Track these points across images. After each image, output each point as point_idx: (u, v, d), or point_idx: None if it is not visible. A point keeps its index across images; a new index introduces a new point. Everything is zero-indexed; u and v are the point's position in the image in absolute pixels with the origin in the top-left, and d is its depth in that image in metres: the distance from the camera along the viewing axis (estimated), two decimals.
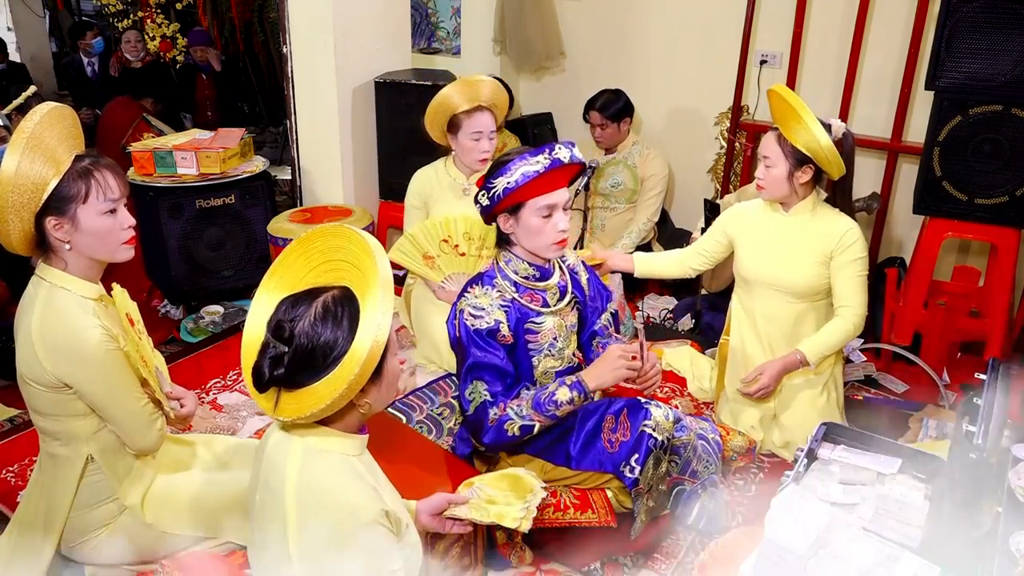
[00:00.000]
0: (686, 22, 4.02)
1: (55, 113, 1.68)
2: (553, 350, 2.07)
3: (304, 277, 1.38)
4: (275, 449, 1.37)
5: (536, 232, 1.93)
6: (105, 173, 1.70)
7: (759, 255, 2.52)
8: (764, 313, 2.56)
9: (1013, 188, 2.76)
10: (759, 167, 2.44)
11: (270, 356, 1.27)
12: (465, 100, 2.79)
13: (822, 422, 1.99)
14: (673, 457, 2.09)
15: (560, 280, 2.09)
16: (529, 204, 1.90)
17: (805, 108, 2.27)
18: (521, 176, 1.84)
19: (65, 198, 1.65)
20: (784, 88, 2.37)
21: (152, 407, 1.79)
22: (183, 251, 3.46)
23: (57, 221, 1.65)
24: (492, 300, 1.97)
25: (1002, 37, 2.60)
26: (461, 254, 2.75)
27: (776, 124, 2.40)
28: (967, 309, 3.07)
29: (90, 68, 5.88)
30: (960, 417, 1.73)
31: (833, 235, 2.40)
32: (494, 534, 2.10)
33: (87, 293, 1.72)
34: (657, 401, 2.12)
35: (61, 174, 1.65)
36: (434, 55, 4.97)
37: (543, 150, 1.87)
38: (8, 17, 6.75)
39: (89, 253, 1.71)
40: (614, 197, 3.76)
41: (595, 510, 2.08)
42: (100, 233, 1.69)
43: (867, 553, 1.47)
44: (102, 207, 1.68)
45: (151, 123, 4.89)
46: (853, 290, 2.42)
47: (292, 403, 1.29)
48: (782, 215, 2.49)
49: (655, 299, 3.76)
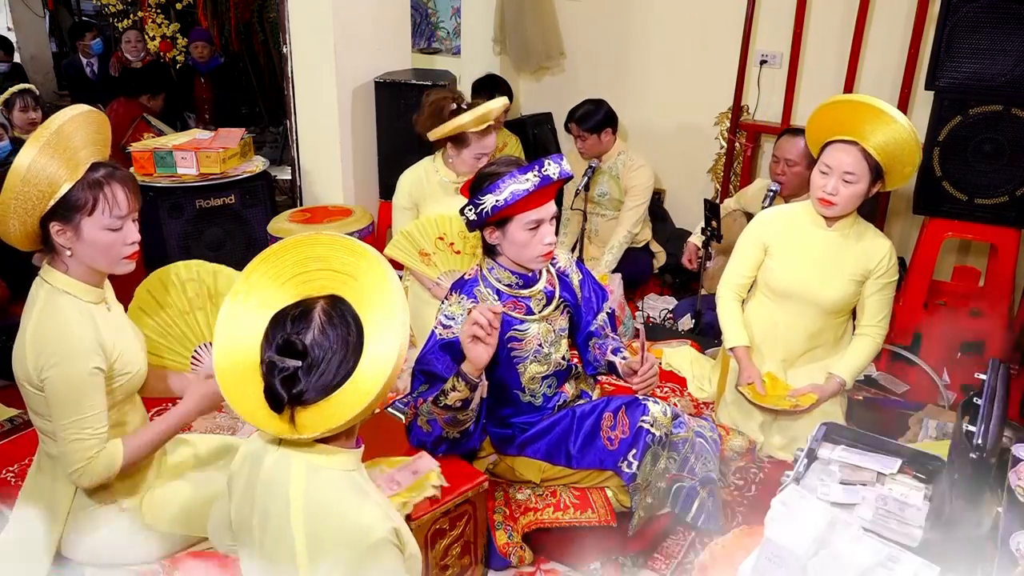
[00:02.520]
0: (686, 22, 4.02)
1: (88, 116, 1.64)
2: (539, 356, 2.07)
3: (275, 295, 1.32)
4: (274, 471, 1.31)
5: (523, 245, 1.93)
6: (116, 188, 1.66)
7: (794, 267, 2.45)
8: (786, 324, 2.51)
9: (1013, 188, 2.76)
10: (829, 182, 2.28)
11: (282, 376, 1.22)
12: (476, 122, 2.79)
13: (822, 422, 1.99)
14: (671, 453, 2.09)
15: (547, 285, 2.09)
16: (517, 219, 1.90)
17: (875, 99, 2.22)
18: (510, 195, 1.83)
19: (71, 206, 1.62)
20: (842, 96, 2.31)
21: (93, 446, 1.65)
22: (183, 251, 3.46)
23: (60, 227, 1.63)
24: (464, 309, 1.95)
25: (1002, 37, 2.61)
26: (456, 252, 2.75)
27: (851, 137, 2.26)
28: (967, 309, 3.06)
29: (89, 69, 5.88)
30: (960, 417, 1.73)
31: (874, 255, 2.37)
32: (494, 534, 2.10)
33: (88, 297, 1.70)
34: (655, 398, 2.12)
35: (75, 180, 1.62)
36: (434, 55, 4.97)
37: (533, 167, 1.85)
38: (8, 17, 6.75)
39: (88, 262, 1.69)
40: (602, 205, 3.76)
41: (595, 509, 2.08)
42: (101, 247, 1.66)
43: (867, 553, 1.46)
44: (106, 222, 1.65)
45: (151, 123, 4.89)
46: (884, 311, 2.42)
47: (314, 418, 1.23)
48: (824, 229, 2.40)
49: (655, 299, 3.76)
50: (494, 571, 2.11)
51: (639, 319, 3.57)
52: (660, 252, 3.86)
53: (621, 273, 3.58)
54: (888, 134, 2.21)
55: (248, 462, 1.37)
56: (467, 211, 1.91)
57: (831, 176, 2.29)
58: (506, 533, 2.11)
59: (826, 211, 2.35)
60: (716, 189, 4.16)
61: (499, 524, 2.12)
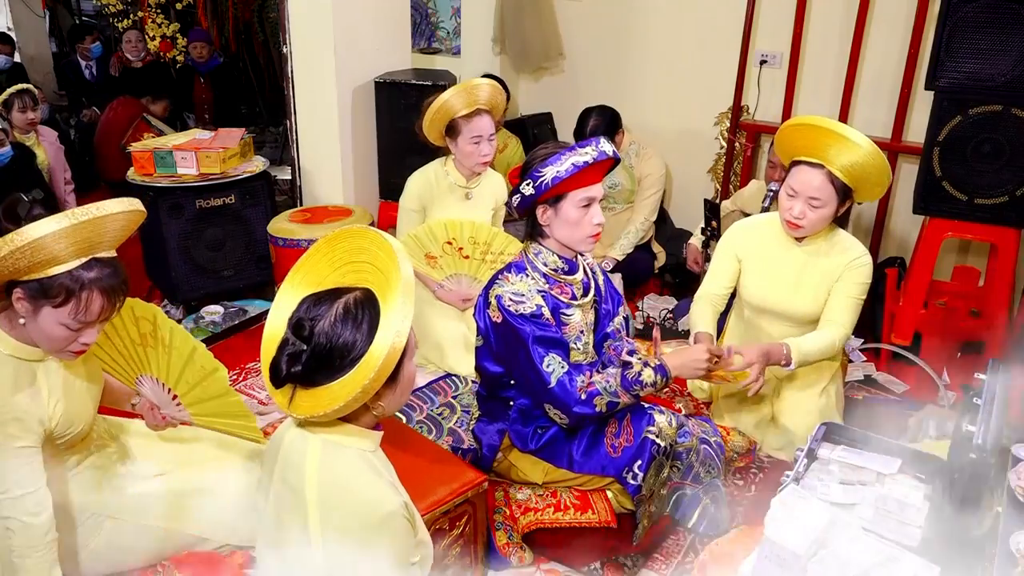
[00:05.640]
0: (686, 22, 4.02)
1: (134, 215, 1.58)
2: (579, 343, 2.06)
3: (328, 276, 1.38)
4: (292, 446, 1.37)
5: (574, 224, 1.94)
6: (95, 297, 1.55)
7: (765, 282, 2.45)
8: (769, 335, 2.50)
9: (1013, 188, 2.76)
10: (796, 206, 2.26)
11: (288, 353, 1.28)
12: (463, 104, 2.78)
13: (822, 422, 1.99)
14: (675, 462, 2.09)
15: (584, 276, 2.10)
16: (570, 196, 1.92)
17: (836, 123, 2.19)
18: (571, 166, 1.86)
19: (42, 290, 1.52)
20: (799, 118, 2.26)
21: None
22: (183, 251, 3.46)
23: (22, 297, 1.54)
24: (529, 286, 1.98)
25: (1002, 37, 2.60)
26: (465, 257, 2.75)
27: (816, 159, 2.23)
28: (967, 309, 3.06)
29: (88, 71, 5.88)
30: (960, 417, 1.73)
31: (844, 260, 2.34)
32: (494, 534, 2.10)
33: (32, 357, 1.63)
34: (660, 407, 2.11)
35: (67, 268, 1.52)
36: (434, 55, 4.97)
37: (590, 142, 1.90)
38: (8, 17, 6.74)
39: (34, 340, 1.61)
40: (612, 198, 3.76)
41: (595, 510, 2.08)
42: (50, 336, 1.58)
43: (867, 553, 1.46)
44: (66, 321, 1.55)
45: (151, 123, 4.89)
46: (845, 310, 2.35)
47: (307, 401, 1.30)
48: (795, 246, 2.39)
49: (655, 299, 3.76)
50: (494, 571, 2.11)
51: (639, 319, 3.58)
52: (660, 252, 3.86)
53: (621, 273, 3.59)
54: (852, 157, 2.18)
55: (275, 437, 1.44)
56: (523, 187, 1.92)
57: (797, 199, 2.26)
58: (506, 533, 2.11)
59: (794, 233, 2.33)
60: (716, 189, 4.16)
61: (499, 524, 2.12)
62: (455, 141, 2.83)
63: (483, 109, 2.80)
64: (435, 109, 2.79)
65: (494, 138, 2.85)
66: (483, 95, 2.82)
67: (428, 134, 2.88)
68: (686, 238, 3.60)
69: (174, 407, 1.92)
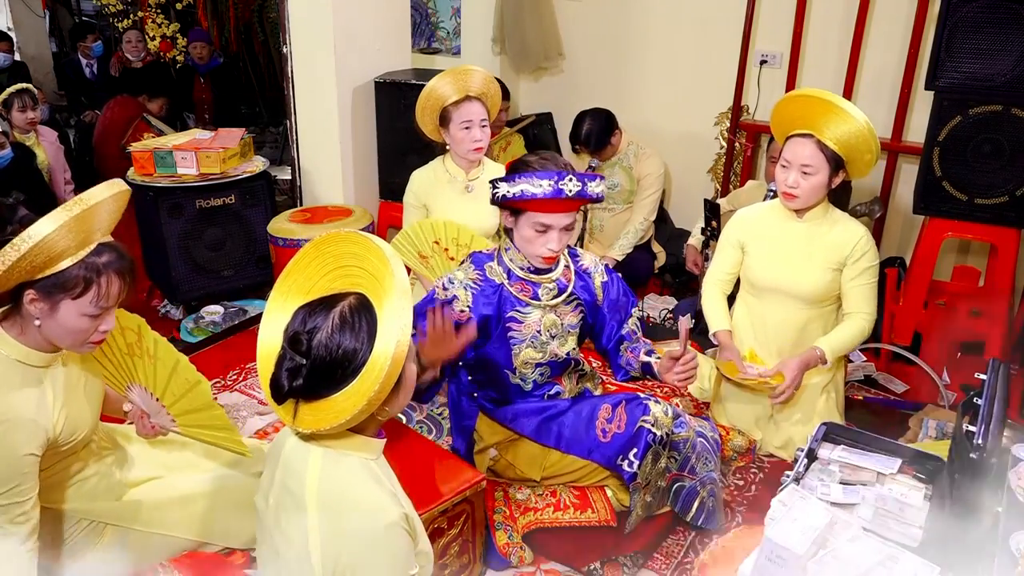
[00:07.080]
0: (686, 22, 4.02)
1: (121, 195, 1.58)
2: (536, 342, 2.08)
3: (318, 282, 1.36)
4: (293, 453, 1.36)
5: (527, 241, 1.97)
6: (113, 279, 1.56)
7: (771, 261, 2.49)
8: (773, 319, 2.53)
9: (1013, 188, 2.75)
10: (789, 176, 2.34)
11: (288, 368, 1.25)
12: (454, 91, 2.78)
13: (822, 422, 1.99)
14: (672, 453, 2.09)
15: (561, 278, 2.09)
16: (527, 215, 1.92)
17: (834, 95, 2.27)
18: (520, 192, 1.86)
19: (59, 285, 1.51)
20: (799, 90, 2.34)
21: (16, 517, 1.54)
22: (183, 251, 3.46)
23: (36, 297, 1.52)
24: (464, 279, 2.03)
25: (1002, 37, 2.60)
26: (451, 258, 2.74)
27: (807, 130, 2.32)
28: (967, 309, 3.06)
29: (88, 70, 5.88)
30: (960, 417, 1.73)
31: (847, 242, 2.39)
32: (494, 534, 2.10)
33: (39, 363, 1.61)
34: (656, 397, 2.12)
35: (77, 258, 1.51)
36: (434, 55, 4.96)
37: (552, 176, 1.84)
38: (8, 17, 6.75)
39: (52, 338, 1.58)
40: (611, 198, 3.76)
41: (595, 509, 2.08)
42: (72, 330, 1.56)
43: (867, 553, 1.46)
44: (88, 310, 1.54)
45: (151, 123, 4.89)
46: (865, 298, 2.42)
47: (311, 414, 1.27)
48: (796, 221, 2.45)
49: (655, 299, 3.75)
50: (494, 571, 2.11)
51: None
52: (660, 252, 3.86)
53: (621, 273, 3.58)
54: (842, 127, 2.27)
55: (278, 440, 1.43)
56: (497, 184, 1.92)
57: (790, 170, 2.35)
58: (506, 533, 2.11)
59: (790, 204, 2.41)
60: (716, 189, 4.16)
61: (499, 524, 2.12)
62: (447, 129, 2.82)
63: (473, 95, 2.79)
64: (425, 97, 2.79)
65: (487, 124, 2.83)
66: (473, 82, 2.81)
67: (422, 126, 2.87)
68: (686, 238, 3.59)
69: (164, 415, 1.91)
